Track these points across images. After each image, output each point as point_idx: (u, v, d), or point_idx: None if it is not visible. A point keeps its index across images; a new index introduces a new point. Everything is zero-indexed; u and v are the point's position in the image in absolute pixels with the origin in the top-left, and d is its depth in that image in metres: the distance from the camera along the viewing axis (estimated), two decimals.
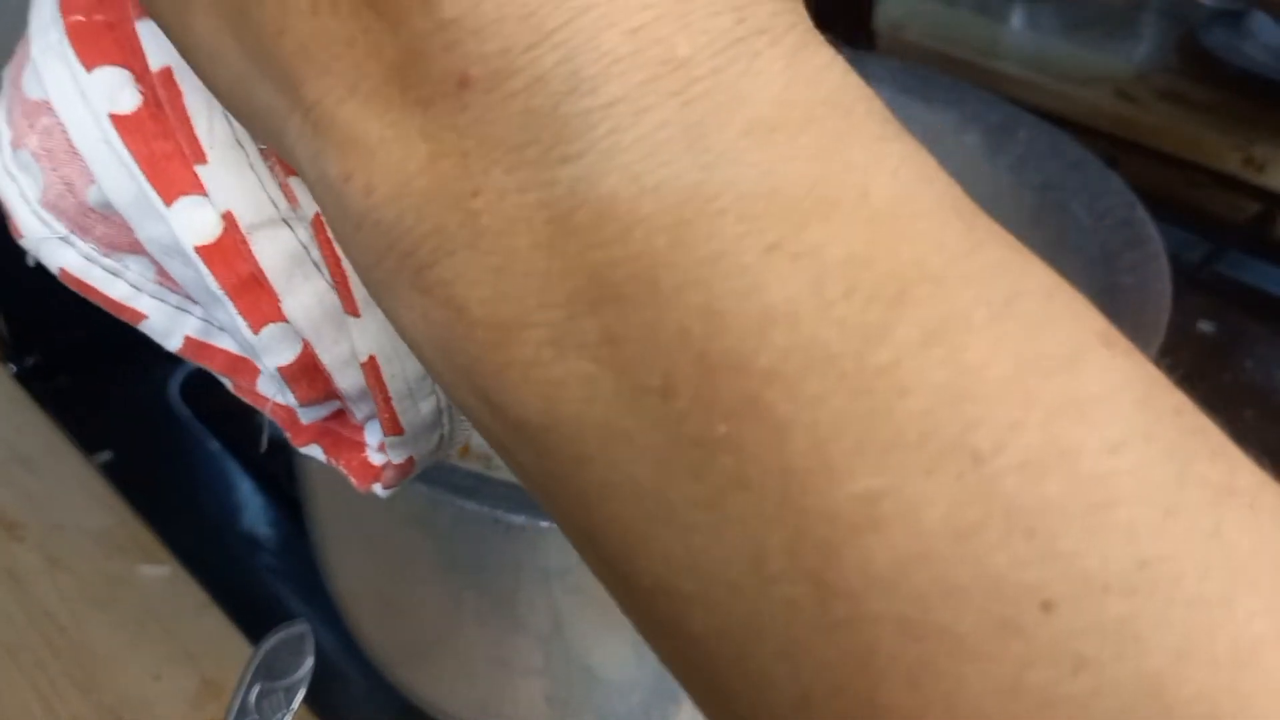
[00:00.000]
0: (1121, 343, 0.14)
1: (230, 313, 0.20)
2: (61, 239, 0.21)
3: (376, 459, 0.23)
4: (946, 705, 0.13)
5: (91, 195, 0.20)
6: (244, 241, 0.19)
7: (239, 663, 0.50)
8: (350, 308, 0.19)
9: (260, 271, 0.19)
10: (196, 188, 0.19)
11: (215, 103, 0.19)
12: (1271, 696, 0.12)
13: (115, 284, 0.22)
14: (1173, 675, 0.12)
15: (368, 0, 0.14)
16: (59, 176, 0.20)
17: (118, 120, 0.19)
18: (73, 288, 0.22)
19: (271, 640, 0.48)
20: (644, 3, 0.14)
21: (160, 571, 0.58)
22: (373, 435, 0.23)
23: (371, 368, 0.20)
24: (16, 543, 0.59)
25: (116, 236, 0.21)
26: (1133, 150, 0.90)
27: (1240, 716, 0.12)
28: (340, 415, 0.23)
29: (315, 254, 0.20)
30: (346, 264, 0.19)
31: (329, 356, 0.20)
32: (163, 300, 0.22)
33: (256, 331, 0.20)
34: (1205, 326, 0.76)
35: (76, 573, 0.57)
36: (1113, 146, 0.90)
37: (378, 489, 0.23)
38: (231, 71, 0.16)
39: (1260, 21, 0.94)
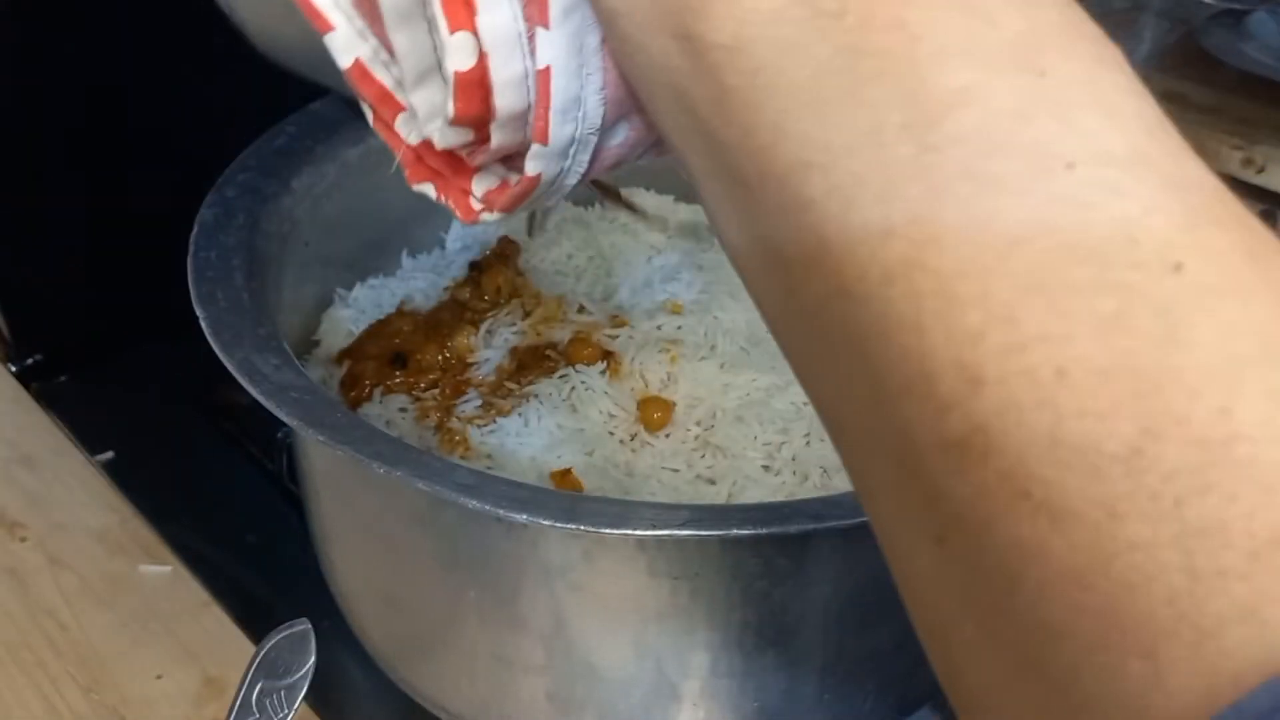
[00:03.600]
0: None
1: (435, 12, 0.23)
2: None
3: (478, 205, 0.27)
4: (987, 219, 0.17)
5: None
6: None
7: (241, 661, 0.50)
8: (543, 19, 0.23)
9: None
10: None
11: None
12: None
13: None
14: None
15: None
16: None
17: None
18: None
19: (273, 639, 0.48)
20: None
21: (162, 570, 0.58)
22: (480, 185, 0.27)
23: (544, 77, 0.24)
24: (18, 542, 0.59)
25: None
26: None
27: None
28: (457, 163, 0.27)
29: None
30: None
31: (500, 74, 0.24)
32: (350, 21, 0.26)
33: (452, 33, 0.23)
34: None
35: (78, 572, 0.58)
36: None
37: (487, 217, 0.27)
38: None
39: (1260, 22, 0.94)
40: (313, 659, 0.48)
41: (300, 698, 0.48)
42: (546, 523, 0.37)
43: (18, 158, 0.66)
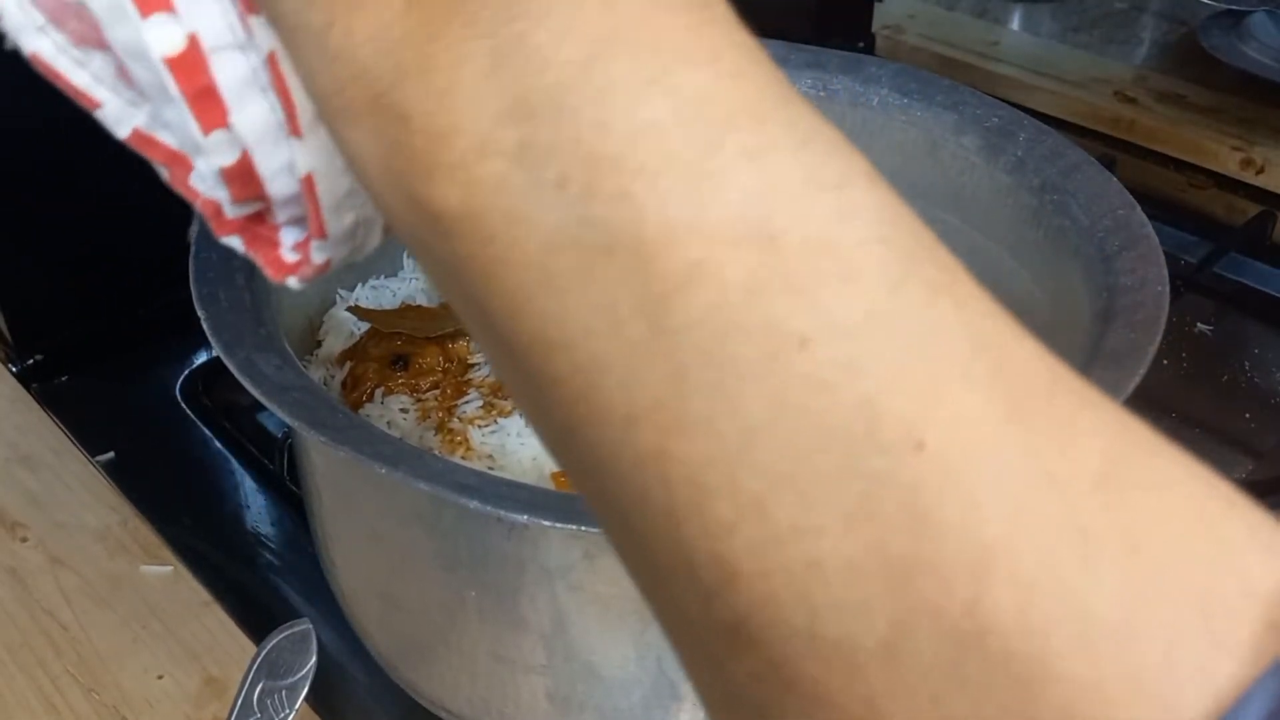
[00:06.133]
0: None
1: (185, 116, 0.23)
2: (39, 28, 0.24)
3: (289, 257, 0.26)
4: (727, 408, 0.17)
5: None
6: (204, 59, 0.22)
7: (242, 661, 0.50)
8: (294, 129, 0.23)
9: (215, 86, 0.23)
10: (168, 7, 0.22)
11: None
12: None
13: (79, 73, 0.25)
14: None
15: None
16: None
17: None
18: (41, 72, 0.25)
19: (274, 639, 0.48)
20: None
21: (163, 570, 0.58)
22: (288, 236, 0.26)
23: (308, 183, 0.24)
24: (19, 542, 0.59)
25: (87, 33, 0.24)
26: (1132, 152, 0.90)
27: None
28: (259, 216, 0.26)
29: (264, 80, 0.23)
30: (295, 94, 0.22)
31: (265, 166, 0.23)
32: (118, 94, 0.25)
33: (206, 134, 0.23)
34: (1204, 328, 0.76)
35: (79, 572, 0.58)
36: (1111, 148, 0.90)
37: (292, 282, 0.26)
38: None
39: (1260, 22, 0.95)
40: (314, 659, 0.48)
41: (301, 697, 0.48)
42: (547, 523, 0.37)
43: (18, 157, 0.66)
